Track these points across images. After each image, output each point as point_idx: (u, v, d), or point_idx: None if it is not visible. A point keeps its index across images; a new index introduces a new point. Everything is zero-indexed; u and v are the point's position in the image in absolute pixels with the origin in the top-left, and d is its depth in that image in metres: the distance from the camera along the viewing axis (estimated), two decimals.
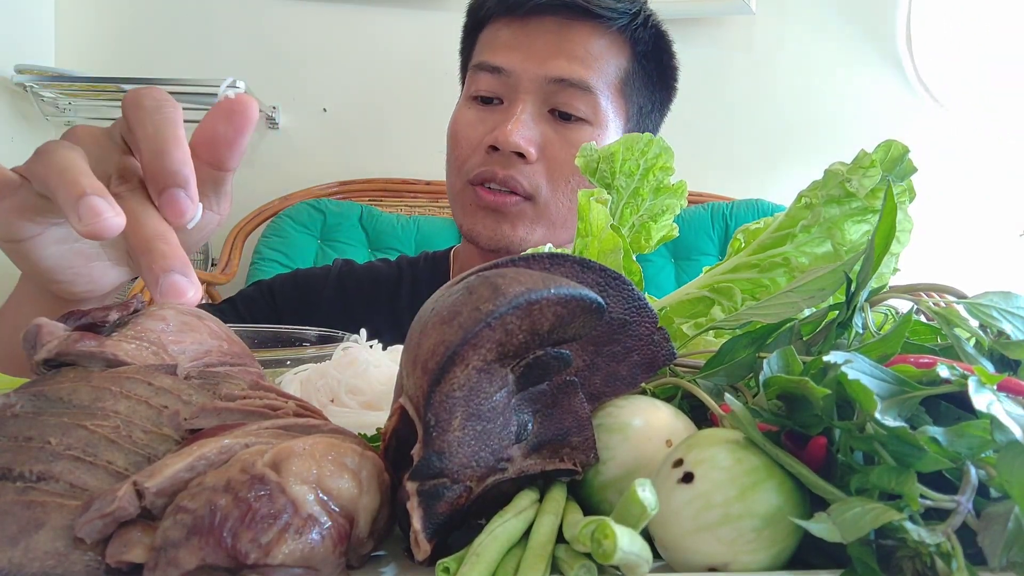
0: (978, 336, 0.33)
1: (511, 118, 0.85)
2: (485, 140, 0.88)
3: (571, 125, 0.88)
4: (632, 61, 0.91)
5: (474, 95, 0.91)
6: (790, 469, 0.28)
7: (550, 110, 0.88)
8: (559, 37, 0.87)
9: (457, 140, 0.92)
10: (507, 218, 0.89)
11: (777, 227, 0.46)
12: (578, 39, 0.87)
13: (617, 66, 0.89)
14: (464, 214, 0.92)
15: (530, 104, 0.87)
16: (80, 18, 1.97)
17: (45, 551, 0.26)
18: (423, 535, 0.28)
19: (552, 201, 0.89)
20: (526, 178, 0.87)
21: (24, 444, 0.29)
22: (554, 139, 0.87)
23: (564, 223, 0.91)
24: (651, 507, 0.26)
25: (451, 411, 0.28)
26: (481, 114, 0.90)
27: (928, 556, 0.25)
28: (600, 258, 0.45)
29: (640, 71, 0.92)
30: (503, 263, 0.34)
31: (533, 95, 0.87)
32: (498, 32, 0.90)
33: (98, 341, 0.34)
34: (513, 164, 0.86)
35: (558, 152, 0.87)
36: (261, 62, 1.98)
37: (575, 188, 0.89)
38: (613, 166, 0.53)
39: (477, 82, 0.90)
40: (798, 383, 0.28)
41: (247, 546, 0.25)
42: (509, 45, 0.88)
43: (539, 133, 0.87)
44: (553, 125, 0.88)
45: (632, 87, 0.92)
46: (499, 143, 0.85)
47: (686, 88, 1.91)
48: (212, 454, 0.28)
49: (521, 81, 0.87)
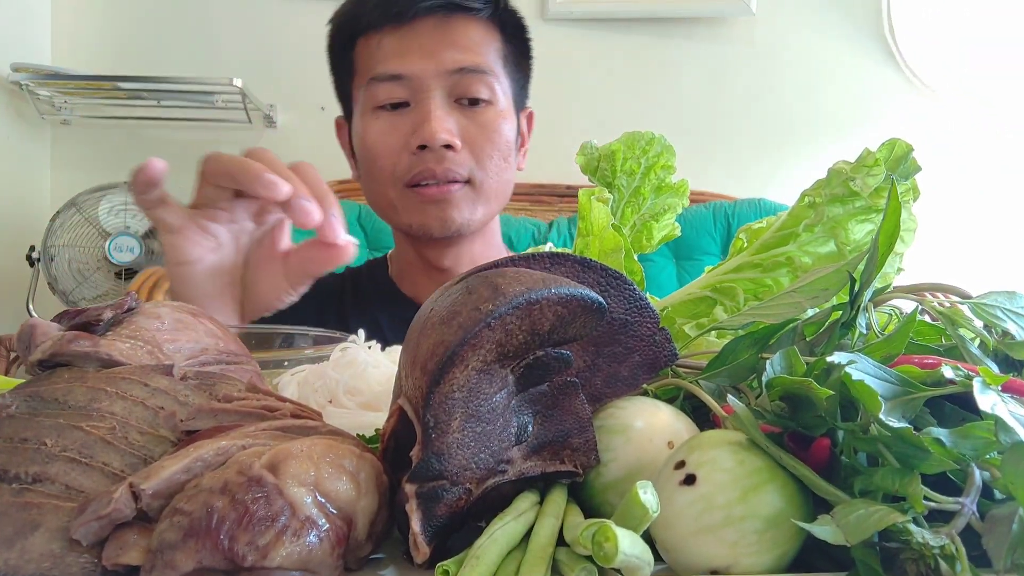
0: (982, 336, 0.33)
1: (429, 116, 0.91)
2: (411, 142, 0.93)
3: (478, 109, 0.95)
4: (503, 42, 0.99)
5: (379, 105, 0.95)
6: (793, 471, 0.28)
7: (456, 100, 0.95)
8: (443, 33, 0.94)
9: (377, 151, 0.96)
10: (452, 204, 0.95)
11: (780, 226, 0.46)
12: (460, 31, 0.95)
13: (496, 48, 0.98)
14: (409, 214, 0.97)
15: (439, 99, 0.93)
16: (76, 16, 1.96)
17: (41, 553, 0.26)
18: (422, 537, 0.28)
19: (485, 180, 0.96)
20: (459, 166, 0.94)
21: (20, 445, 0.29)
22: (468, 125, 0.94)
23: (496, 196, 1.00)
24: (652, 509, 0.26)
25: (450, 412, 0.28)
26: (391, 120, 0.95)
27: (932, 558, 0.24)
28: (601, 258, 0.44)
29: (511, 50, 1.00)
30: (503, 262, 0.33)
31: (438, 91, 0.93)
32: (381, 42, 0.95)
33: (92, 341, 0.34)
34: (445, 157, 0.92)
35: (476, 136, 0.94)
36: (258, 60, 1.97)
37: (496, 164, 0.97)
38: (614, 165, 0.53)
39: (376, 94, 0.95)
40: (801, 384, 0.28)
41: (244, 548, 0.25)
42: (400, 51, 0.93)
43: (455, 123, 0.93)
44: (463, 112, 0.95)
45: (508, 65, 1.00)
46: (428, 141, 0.91)
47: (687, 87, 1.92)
48: (209, 456, 0.28)
49: (424, 80, 0.93)
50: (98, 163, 1.96)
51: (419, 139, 0.91)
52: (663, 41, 2.03)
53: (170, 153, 2.18)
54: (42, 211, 1.91)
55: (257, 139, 2.00)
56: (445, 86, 0.93)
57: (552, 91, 1.72)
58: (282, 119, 2.00)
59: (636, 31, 2.01)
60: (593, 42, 2.01)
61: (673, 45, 2.03)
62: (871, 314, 0.35)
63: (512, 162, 1.00)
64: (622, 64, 2.02)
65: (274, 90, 1.95)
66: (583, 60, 1.98)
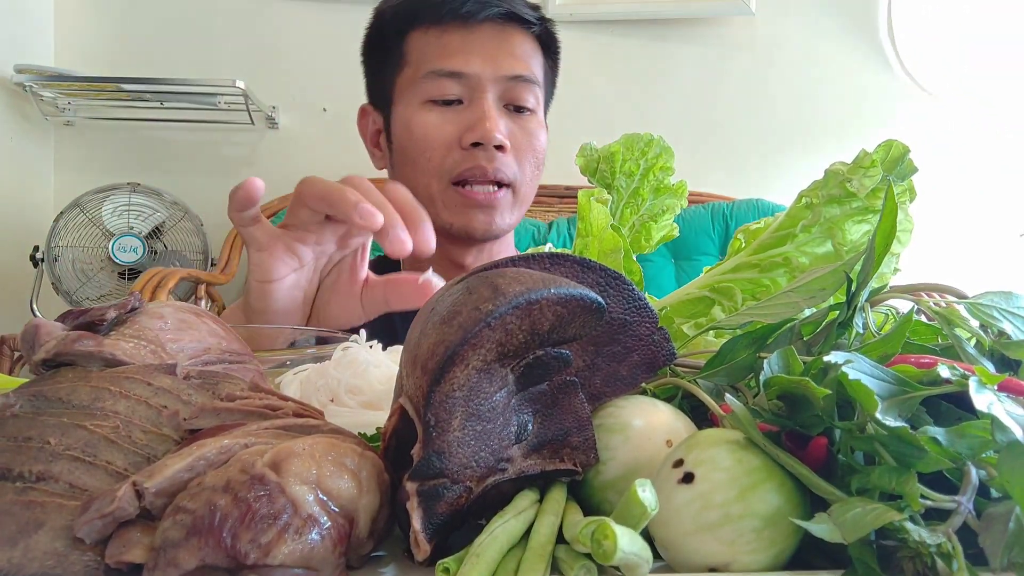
0: (979, 336, 0.33)
1: (485, 115, 0.94)
2: (465, 137, 0.95)
3: (524, 116, 1.00)
4: (544, 58, 1.05)
5: (433, 99, 0.97)
6: (790, 469, 0.28)
7: (505, 105, 0.98)
8: (502, 40, 0.98)
9: (427, 143, 0.97)
10: (496, 210, 0.98)
11: (778, 227, 0.46)
12: (516, 41, 0.99)
13: (539, 62, 1.03)
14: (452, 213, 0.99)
15: (492, 101, 0.96)
16: (80, 18, 1.97)
17: (44, 551, 0.26)
18: (423, 535, 0.28)
19: (523, 184, 1.00)
20: (507, 167, 0.97)
21: (23, 444, 0.29)
22: (515, 130, 0.98)
23: (526, 201, 1.03)
24: (651, 507, 0.26)
25: (451, 411, 0.28)
26: (445, 115, 0.97)
27: (929, 556, 0.25)
28: (600, 258, 0.45)
29: (548, 66, 1.07)
30: (503, 263, 0.34)
31: (492, 93, 0.96)
32: (442, 38, 0.97)
33: (96, 340, 0.34)
34: (496, 157, 0.95)
35: (520, 141, 0.98)
36: (261, 62, 1.98)
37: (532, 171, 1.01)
38: (613, 166, 0.53)
39: (433, 87, 0.97)
40: (799, 383, 0.28)
41: (247, 546, 0.25)
42: (463, 50, 0.96)
43: (504, 126, 0.97)
44: (510, 118, 0.99)
45: (545, 79, 1.06)
46: (484, 138, 0.94)
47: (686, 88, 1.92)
48: (212, 454, 0.28)
49: (482, 81, 0.96)
50: (101, 164, 1.97)
51: (475, 135, 0.94)
52: (662, 42, 2.03)
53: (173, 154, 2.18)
54: (46, 212, 1.92)
55: (259, 140, 2.01)
56: (498, 90, 0.97)
57: None
58: (284, 120, 2.00)
59: (635, 32, 2.01)
60: (593, 44, 2.01)
61: (672, 46, 2.03)
62: (868, 314, 0.35)
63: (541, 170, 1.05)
64: (621, 65, 2.03)
65: (276, 91, 1.95)
66: (583, 61, 1.99)
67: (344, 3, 1.96)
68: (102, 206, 1.80)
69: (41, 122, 1.91)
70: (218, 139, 2.00)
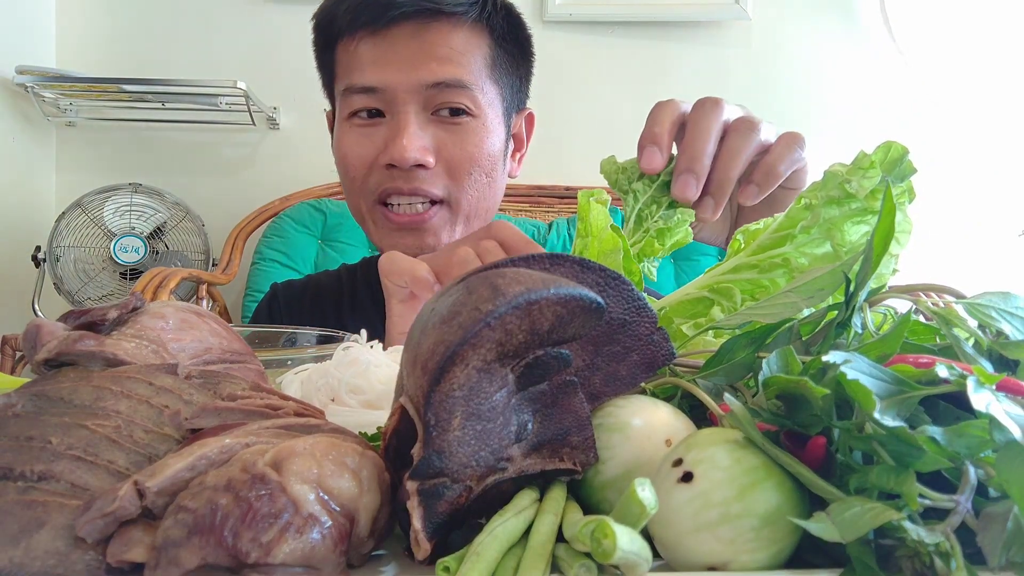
0: (977, 336, 0.33)
1: (401, 132, 0.86)
2: (380, 159, 0.88)
3: (458, 120, 0.89)
4: (493, 46, 0.92)
5: (352, 113, 0.90)
6: (789, 469, 0.28)
7: (434, 112, 0.89)
8: (421, 41, 0.87)
9: (348, 163, 0.91)
10: (427, 231, 0.90)
11: (777, 228, 0.46)
12: (439, 39, 0.87)
13: (482, 55, 0.90)
14: (381, 235, 0.92)
15: (413, 113, 0.87)
16: (81, 19, 1.97)
17: (46, 550, 0.26)
18: (423, 534, 0.28)
19: (462, 197, 0.90)
20: (432, 184, 0.88)
21: (25, 444, 0.29)
22: (446, 139, 0.89)
23: (477, 214, 0.93)
24: (651, 506, 0.26)
25: (451, 411, 0.28)
26: (365, 131, 0.90)
27: (927, 555, 0.25)
28: (600, 258, 0.45)
29: (503, 53, 0.93)
30: (503, 263, 0.34)
31: (413, 104, 0.87)
32: (357, 49, 0.89)
33: (97, 340, 0.34)
34: (416, 176, 0.87)
35: (453, 151, 0.88)
36: (261, 62, 1.98)
37: (476, 178, 0.90)
38: (631, 176, 0.54)
39: (352, 104, 0.90)
40: (797, 383, 0.28)
41: (248, 545, 0.25)
42: (375, 61, 0.88)
43: (431, 138, 0.88)
44: (441, 126, 0.89)
45: (500, 70, 0.93)
46: (396, 161, 0.86)
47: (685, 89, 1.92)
48: (213, 453, 0.28)
49: (398, 94, 0.87)
50: (103, 165, 1.97)
51: (387, 157, 0.86)
52: (661, 44, 2.03)
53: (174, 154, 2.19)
54: (47, 212, 1.92)
55: (260, 141, 2.01)
56: (420, 99, 0.87)
57: (550, 93, 1.72)
58: (285, 121, 2.01)
59: (634, 34, 2.02)
60: (591, 44, 2.01)
61: (670, 48, 2.03)
62: (866, 314, 0.35)
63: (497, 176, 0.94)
64: (620, 66, 2.03)
65: (277, 92, 1.95)
66: (581, 62, 1.99)
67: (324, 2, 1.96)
68: (104, 206, 1.80)
69: (43, 123, 1.92)
70: (219, 139, 2.00)
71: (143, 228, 1.82)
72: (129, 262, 1.80)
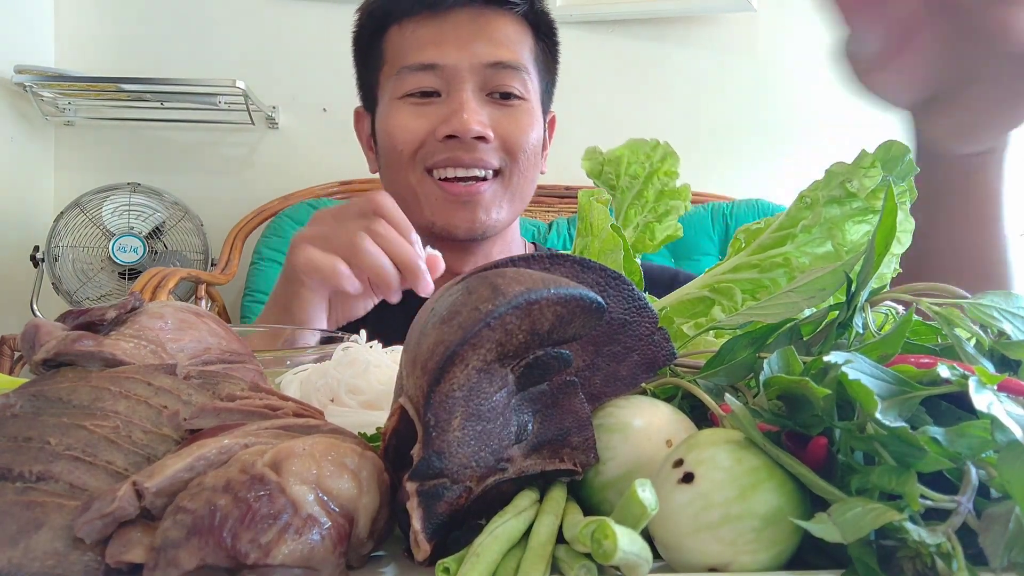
0: (978, 336, 0.33)
1: (462, 107, 0.89)
2: (439, 131, 0.90)
3: (511, 103, 0.93)
4: (535, 41, 0.98)
5: (407, 94, 0.92)
6: (791, 469, 0.28)
7: (488, 93, 0.92)
8: (478, 26, 0.91)
9: (398, 137, 0.92)
10: (480, 206, 0.92)
11: (778, 227, 0.46)
12: (496, 26, 0.92)
13: (528, 47, 0.96)
14: (432, 209, 0.93)
15: (471, 91, 0.90)
16: (80, 18, 1.97)
17: (45, 551, 0.26)
18: (423, 535, 0.28)
19: (515, 172, 0.94)
20: (490, 156, 0.91)
21: (24, 444, 0.29)
22: (501, 119, 0.92)
23: (522, 195, 0.97)
24: (651, 507, 0.26)
25: (451, 411, 0.28)
26: (419, 109, 0.92)
27: (929, 556, 0.25)
28: (600, 257, 0.45)
29: (541, 50, 0.99)
30: (503, 263, 0.34)
31: (471, 83, 0.91)
32: (416, 32, 0.92)
33: (96, 340, 0.34)
34: (476, 148, 0.90)
35: (508, 129, 0.92)
36: (261, 62, 1.98)
37: (528, 160, 0.94)
38: (618, 169, 0.54)
39: (405, 84, 0.92)
40: (798, 383, 0.28)
41: (247, 546, 0.25)
42: (435, 41, 0.91)
43: (487, 115, 0.91)
44: (495, 106, 0.93)
45: (539, 64, 0.98)
46: (459, 131, 0.88)
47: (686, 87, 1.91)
48: (212, 454, 0.28)
49: (458, 71, 0.90)
50: (101, 164, 1.97)
51: (449, 128, 0.88)
52: (663, 42, 2.03)
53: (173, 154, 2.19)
54: (46, 212, 1.92)
55: (259, 140, 2.01)
56: (478, 79, 0.91)
57: None
58: (284, 120, 2.00)
59: (636, 32, 2.02)
60: (593, 44, 2.01)
61: (672, 45, 2.03)
62: (868, 314, 0.35)
63: (538, 163, 0.97)
64: (622, 65, 2.03)
65: (276, 92, 1.95)
66: (583, 62, 1.99)
67: (345, 3, 1.95)
68: (102, 206, 1.80)
69: (41, 122, 1.91)
70: (218, 139, 2.00)
71: (142, 228, 1.82)
72: (128, 262, 1.80)
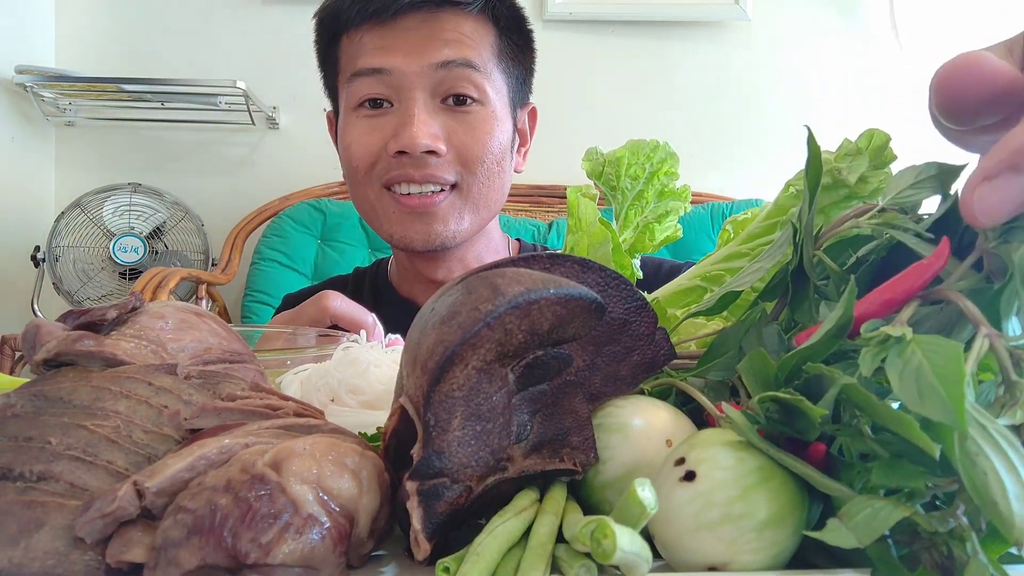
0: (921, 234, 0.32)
1: (411, 119, 0.85)
2: (389, 146, 0.87)
3: (467, 109, 0.89)
4: (498, 37, 0.93)
5: (359, 103, 0.90)
6: (794, 470, 0.28)
7: (442, 100, 0.88)
8: (428, 29, 0.87)
9: (353, 153, 0.90)
10: (437, 217, 0.89)
11: (766, 215, 0.46)
12: (448, 26, 0.88)
13: (488, 44, 0.91)
14: (390, 223, 0.91)
15: (422, 100, 0.87)
16: (80, 18, 1.97)
17: (45, 551, 0.26)
18: (423, 535, 0.28)
19: (473, 184, 0.90)
20: (444, 171, 0.88)
21: (24, 444, 0.29)
22: (456, 127, 0.88)
23: (486, 204, 0.93)
24: (651, 507, 0.26)
25: (451, 411, 0.28)
26: (372, 121, 0.89)
27: (944, 545, 0.24)
28: (590, 252, 0.45)
29: (507, 44, 0.94)
30: (503, 263, 0.34)
31: (422, 89, 0.87)
32: (363, 39, 0.89)
33: (97, 340, 0.34)
34: (426, 163, 0.87)
35: (464, 138, 0.88)
36: (261, 62, 1.98)
37: (488, 168, 0.90)
38: (619, 170, 0.54)
39: (358, 89, 0.89)
40: (794, 401, 0.28)
41: (247, 546, 0.25)
42: (383, 47, 0.87)
43: (440, 125, 0.87)
44: (450, 114, 0.89)
45: (505, 60, 0.93)
46: (407, 147, 0.85)
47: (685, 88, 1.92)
48: (212, 454, 0.28)
49: (406, 76, 0.86)
50: (102, 164, 1.97)
51: (398, 144, 0.85)
52: (661, 43, 2.03)
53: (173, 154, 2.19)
54: (47, 212, 1.92)
55: (259, 141, 2.01)
56: (430, 84, 0.87)
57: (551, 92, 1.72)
58: (285, 121, 2.01)
59: (634, 33, 2.02)
60: (591, 44, 2.01)
61: (671, 47, 2.03)
62: (822, 258, 0.34)
63: (506, 166, 0.94)
64: (620, 65, 2.03)
65: (277, 92, 1.95)
66: (581, 61, 1.99)
67: None
68: (103, 206, 1.80)
69: (42, 122, 1.92)
70: (219, 139, 2.00)
71: (142, 228, 1.82)
72: (128, 262, 1.80)
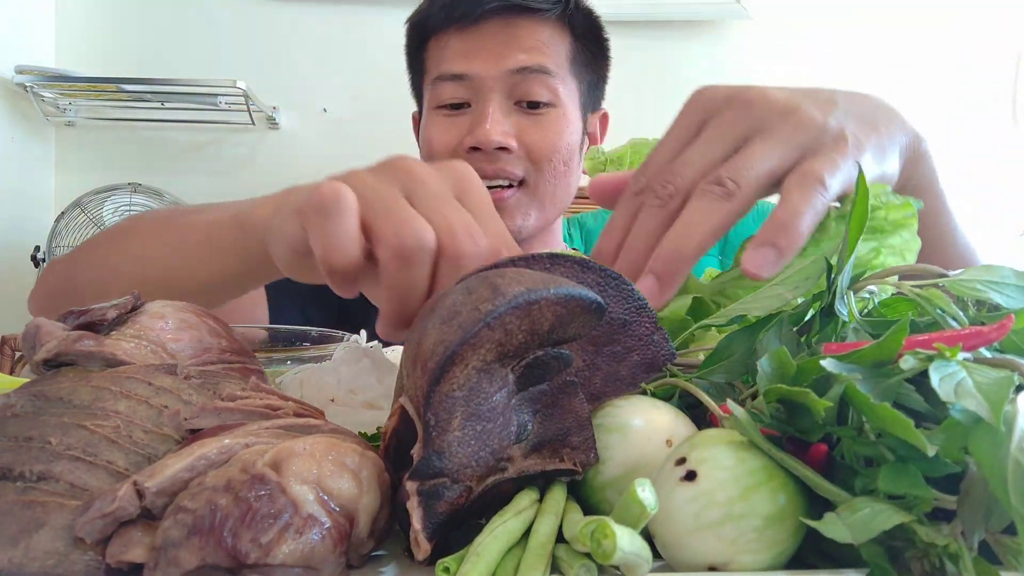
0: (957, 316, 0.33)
1: (485, 118, 0.91)
2: (464, 142, 0.93)
3: (539, 112, 0.95)
4: (573, 43, 0.99)
5: (440, 105, 0.96)
6: (794, 471, 0.28)
7: (516, 103, 0.94)
8: (508, 35, 0.93)
9: (432, 149, 0.96)
10: (505, 212, 0.94)
11: None
12: (526, 33, 0.94)
13: (564, 50, 0.97)
14: None
15: (497, 101, 0.93)
16: (80, 18, 1.97)
17: (45, 551, 0.26)
18: (423, 535, 0.28)
19: (540, 182, 0.95)
20: (514, 166, 0.93)
21: (24, 444, 0.29)
22: (527, 127, 0.94)
23: (552, 202, 0.98)
24: (651, 507, 0.26)
25: (451, 411, 0.28)
26: (451, 120, 0.95)
27: (936, 557, 0.24)
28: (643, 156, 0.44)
29: (581, 50, 1.00)
30: (503, 263, 0.34)
31: (498, 92, 0.93)
32: (448, 43, 0.95)
33: (97, 340, 0.34)
34: (499, 158, 0.92)
35: (534, 137, 0.94)
36: (261, 62, 1.98)
37: (555, 167, 0.95)
38: (620, 168, 0.54)
39: (440, 93, 0.95)
40: (799, 394, 0.28)
41: (247, 546, 0.25)
42: (464, 52, 0.94)
43: (512, 125, 0.93)
44: (523, 115, 0.94)
45: (578, 66, 1.00)
46: (480, 143, 0.91)
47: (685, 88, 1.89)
48: (212, 454, 0.28)
49: (485, 81, 0.93)
50: (102, 164, 1.97)
51: (472, 140, 0.91)
52: (661, 42, 2.03)
53: (173, 154, 2.18)
54: (47, 212, 1.92)
55: (259, 141, 2.01)
56: (505, 88, 0.93)
57: None
58: (285, 121, 2.00)
59: (634, 33, 2.02)
60: None
61: (671, 46, 2.03)
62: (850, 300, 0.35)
63: (574, 167, 0.99)
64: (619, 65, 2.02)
65: (277, 92, 1.95)
66: None
67: (345, 4, 1.96)
68: (103, 206, 1.80)
69: (42, 122, 1.91)
70: (219, 139, 2.00)
71: None
72: None
